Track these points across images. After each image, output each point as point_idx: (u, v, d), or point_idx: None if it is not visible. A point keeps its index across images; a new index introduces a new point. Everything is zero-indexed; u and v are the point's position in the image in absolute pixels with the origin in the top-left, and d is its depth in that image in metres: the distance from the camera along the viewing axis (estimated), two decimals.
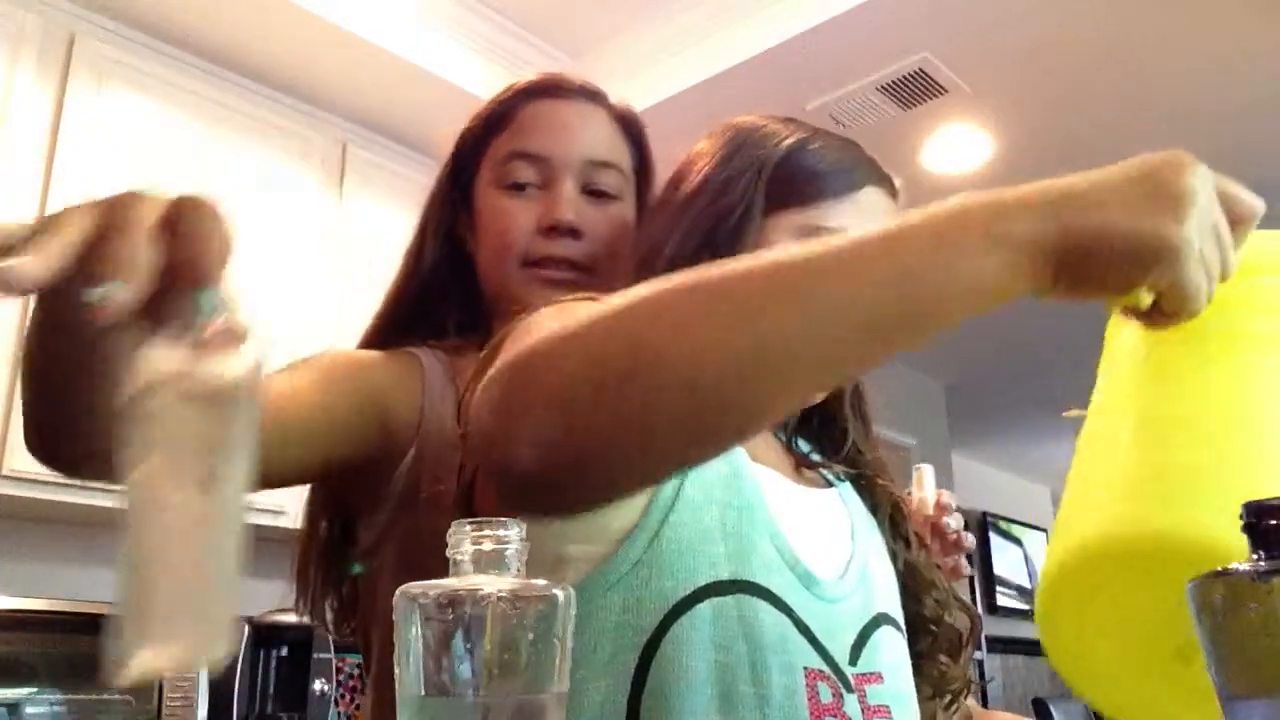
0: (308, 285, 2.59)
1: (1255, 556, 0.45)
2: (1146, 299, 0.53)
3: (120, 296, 0.41)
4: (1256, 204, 0.57)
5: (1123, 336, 0.63)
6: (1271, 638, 0.44)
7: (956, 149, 3.07)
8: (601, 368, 0.51)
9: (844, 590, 0.75)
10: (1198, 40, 2.64)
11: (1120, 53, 2.69)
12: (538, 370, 0.52)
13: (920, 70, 2.74)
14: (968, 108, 2.88)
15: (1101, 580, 0.57)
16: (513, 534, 0.45)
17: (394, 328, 1.00)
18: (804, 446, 0.87)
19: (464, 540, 0.45)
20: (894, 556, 0.85)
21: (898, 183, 0.86)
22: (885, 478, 0.89)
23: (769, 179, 0.80)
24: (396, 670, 0.44)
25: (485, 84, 2.79)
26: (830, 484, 0.84)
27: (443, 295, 1.01)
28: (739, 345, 0.50)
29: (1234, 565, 0.46)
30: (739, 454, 0.73)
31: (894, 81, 2.78)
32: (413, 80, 2.63)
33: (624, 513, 0.68)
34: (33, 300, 0.51)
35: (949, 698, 0.85)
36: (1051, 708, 4.56)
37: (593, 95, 1.01)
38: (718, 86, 2.70)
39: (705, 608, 0.67)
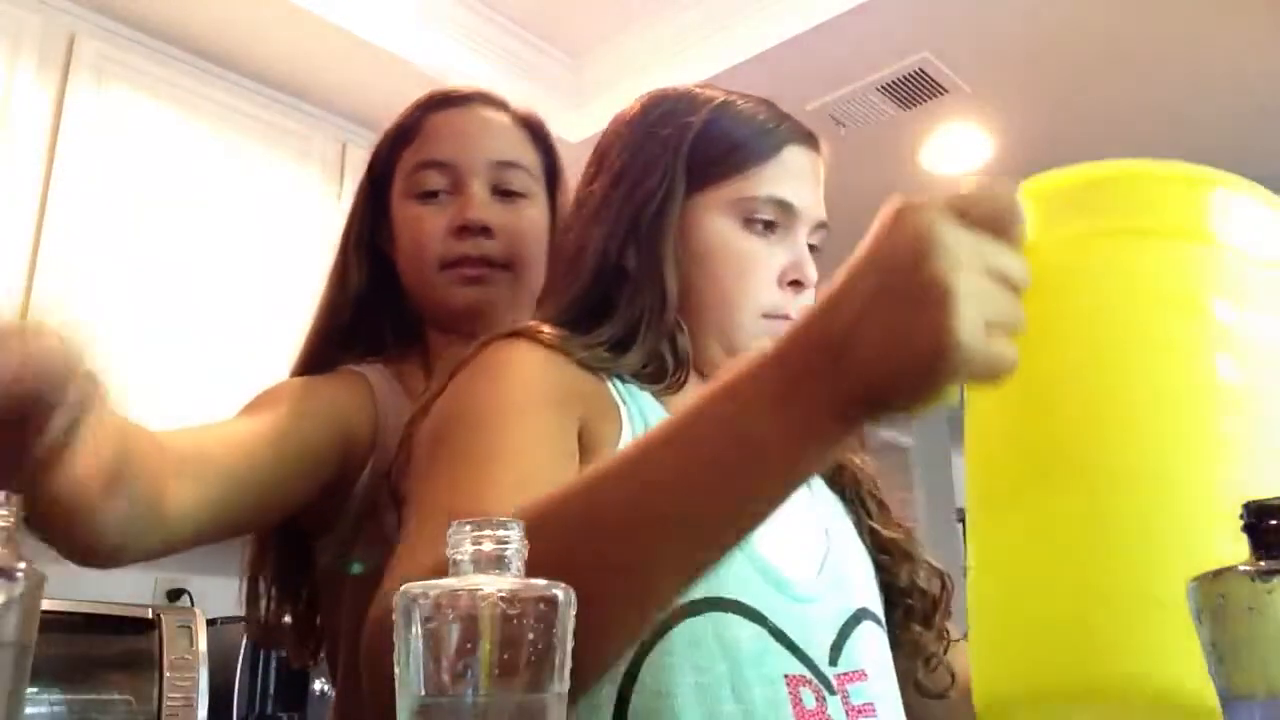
0: (307, 285, 2.58)
1: (1255, 556, 0.45)
2: (953, 397, 0.48)
3: None
4: (1013, 210, 0.49)
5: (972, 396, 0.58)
6: (1271, 638, 0.44)
7: (956, 149, 3.07)
8: None
9: (819, 589, 0.74)
10: (1198, 40, 2.64)
11: (1121, 53, 2.69)
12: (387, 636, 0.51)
13: (920, 70, 2.74)
14: (968, 108, 2.88)
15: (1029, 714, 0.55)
16: (513, 534, 0.45)
17: (328, 347, 1.01)
18: None
19: (464, 540, 0.45)
20: (861, 529, 0.83)
21: (821, 140, 0.84)
22: (849, 450, 0.87)
23: (687, 158, 0.79)
24: (396, 670, 0.44)
25: (486, 84, 2.79)
26: None
27: (372, 310, 1.03)
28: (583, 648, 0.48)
29: (1234, 565, 0.46)
30: None
31: (894, 81, 2.78)
32: (413, 80, 2.62)
33: None
34: None
35: (926, 660, 0.84)
36: None
37: (492, 101, 1.05)
38: None
39: (680, 631, 0.66)
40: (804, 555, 0.75)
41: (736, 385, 0.50)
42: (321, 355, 1.00)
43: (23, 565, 0.51)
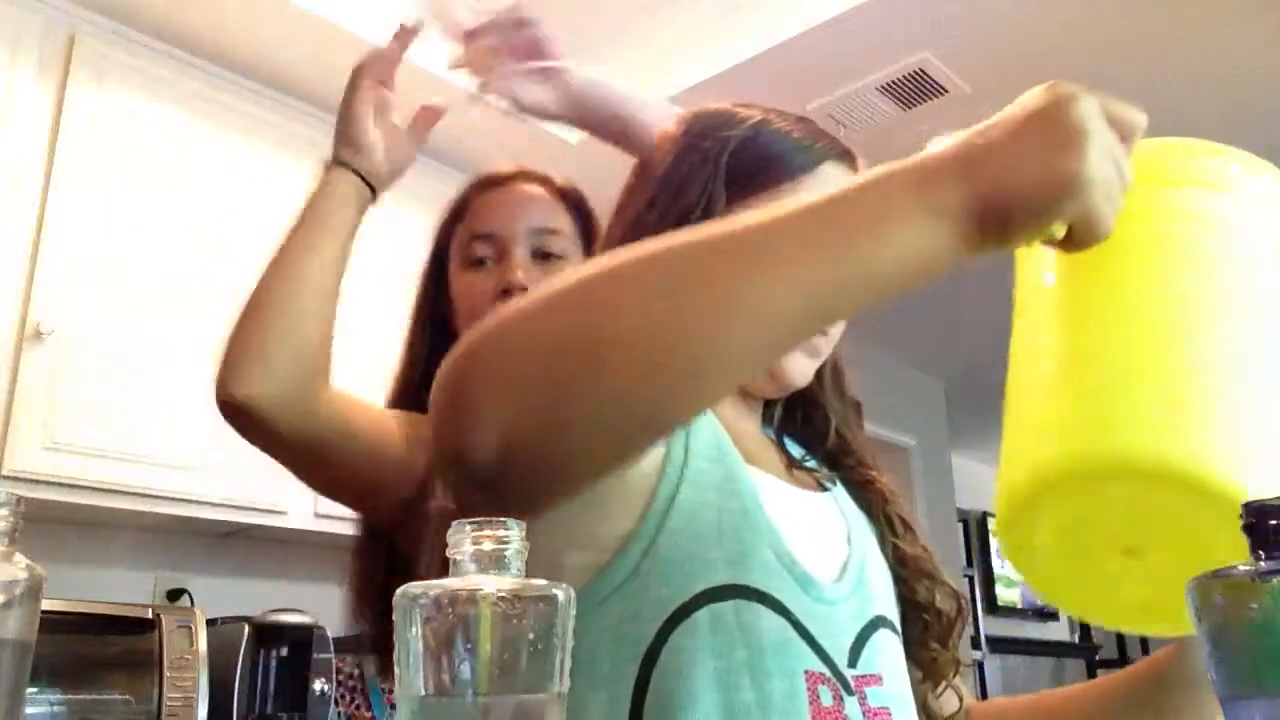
0: None
1: (1255, 556, 0.45)
2: (1060, 232, 0.56)
3: None
4: (1140, 118, 0.60)
5: (1035, 258, 0.67)
6: (1271, 638, 0.44)
7: None
8: (556, 356, 0.52)
9: (841, 592, 0.74)
10: (1199, 40, 2.64)
11: (1121, 53, 2.69)
12: (489, 358, 0.53)
13: (920, 70, 2.74)
14: (968, 108, 2.88)
15: (1055, 504, 0.60)
16: (513, 534, 0.45)
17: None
18: (793, 449, 0.86)
19: (464, 540, 0.45)
20: (884, 544, 0.84)
21: (860, 158, 0.85)
22: (870, 464, 0.88)
23: (726, 172, 0.79)
24: (397, 670, 0.44)
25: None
26: (824, 488, 0.84)
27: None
28: (690, 334, 0.51)
29: (1234, 566, 0.46)
30: (734, 457, 0.73)
31: (894, 81, 2.78)
32: (413, 81, 2.63)
33: (618, 519, 0.67)
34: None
35: (938, 682, 0.84)
36: None
37: (532, 177, 1.20)
38: (718, 87, 2.70)
39: (703, 614, 0.66)
40: (827, 559, 0.76)
41: (875, 175, 0.55)
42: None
43: (23, 565, 0.51)
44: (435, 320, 1.17)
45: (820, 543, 0.77)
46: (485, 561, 0.44)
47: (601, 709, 0.64)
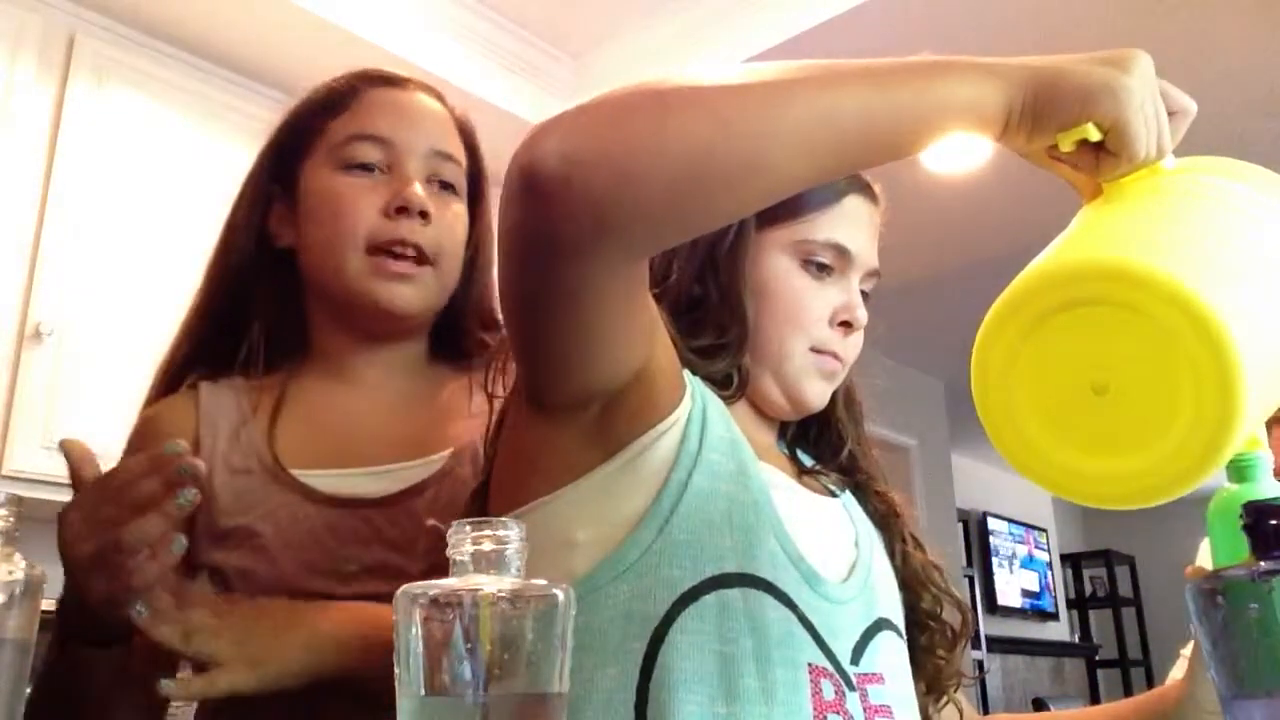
0: None
1: (1255, 556, 0.46)
2: (1095, 134, 0.61)
3: None
4: (1190, 103, 0.66)
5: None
6: (1271, 638, 0.44)
7: (956, 149, 3.07)
8: (626, 106, 0.56)
9: (848, 593, 0.76)
10: (1198, 41, 2.65)
11: None
12: (593, 102, 0.57)
13: None
14: None
15: (1035, 315, 0.57)
16: (513, 534, 0.45)
17: (199, 352, 0.96)
18: (804, 460, 0.88)
19: (464, 540, 0.45)
20: (892, 555, 0.86)
21: (877, 188, 0.87)
22: (881, 481, 0.90)
23: None
24: (397, 670, 0.44)
25: (485, 84, 2.79)
26: (833, 494, 0.85)
27: (250, 304, 0.96)
28: (759, 109, 0.56)
29: (1233, 565, 0.46)
30: (746, 452, 0.74)
31: None
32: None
33: (632, 499, 0.69)
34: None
35: (940, 694, 0.86)
36: (1051, 707, 4.57)
37: (432, 91, 1.00)
38: None
39: (711, 599, 0.67)
40: (835, 558, 0.78)
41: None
42: (186, 362, 0.96)
43: (23, 565, 0.51)
44: (264, 234, 0.96)
45: (828, 543, 0.78)
46: (485, 561, 0.45)
47: (609, 684, 0.66)
